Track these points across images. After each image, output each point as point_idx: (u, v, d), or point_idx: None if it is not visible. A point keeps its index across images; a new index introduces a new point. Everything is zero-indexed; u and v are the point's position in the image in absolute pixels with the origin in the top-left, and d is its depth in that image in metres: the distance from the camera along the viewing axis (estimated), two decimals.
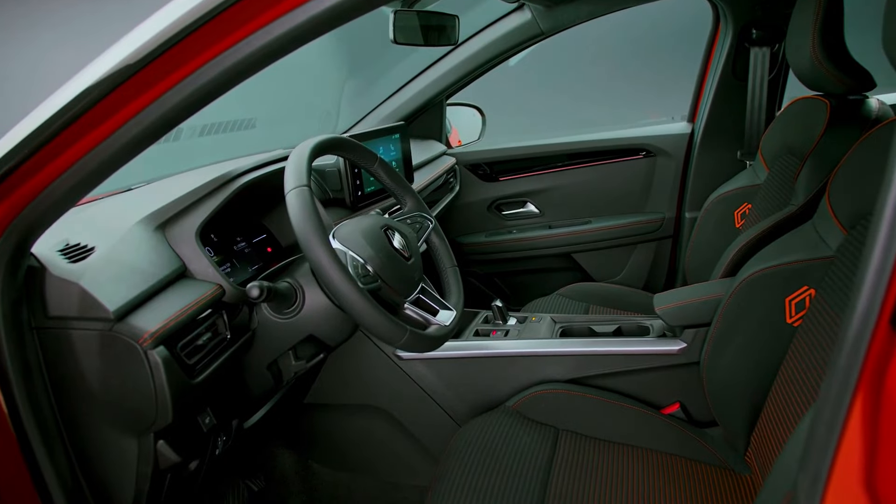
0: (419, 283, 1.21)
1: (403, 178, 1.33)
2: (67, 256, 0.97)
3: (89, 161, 0.82)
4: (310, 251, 0.96)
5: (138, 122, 0.80)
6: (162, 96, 0.79)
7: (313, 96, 2.53)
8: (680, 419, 1.45)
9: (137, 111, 0.79)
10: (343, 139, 1.20)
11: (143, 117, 0.80)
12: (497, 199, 2.55)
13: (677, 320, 1.45)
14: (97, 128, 0.80)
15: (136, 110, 0.79)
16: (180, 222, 1.12)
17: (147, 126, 0.81)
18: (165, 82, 0.79)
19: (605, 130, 2.47)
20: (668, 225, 2.42)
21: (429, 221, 1.33)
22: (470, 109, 2.59)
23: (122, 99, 0.79)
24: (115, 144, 0.81)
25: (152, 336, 0.92)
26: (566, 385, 1.50)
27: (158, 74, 0.78)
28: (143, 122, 0.80)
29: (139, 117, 0.80)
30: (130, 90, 0.78)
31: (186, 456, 1.06)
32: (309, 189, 1.01)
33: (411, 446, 1.67)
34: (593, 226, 2.48)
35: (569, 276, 2.56)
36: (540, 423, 1.40)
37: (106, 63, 0.77)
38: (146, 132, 0.81)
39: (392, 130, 1.76)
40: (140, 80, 0.78)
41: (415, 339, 1.04)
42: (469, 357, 1.55)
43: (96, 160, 0.82)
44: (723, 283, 1.45)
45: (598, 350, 1.50)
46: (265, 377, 1.23)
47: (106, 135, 0.80)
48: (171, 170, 1.48)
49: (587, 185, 2.47)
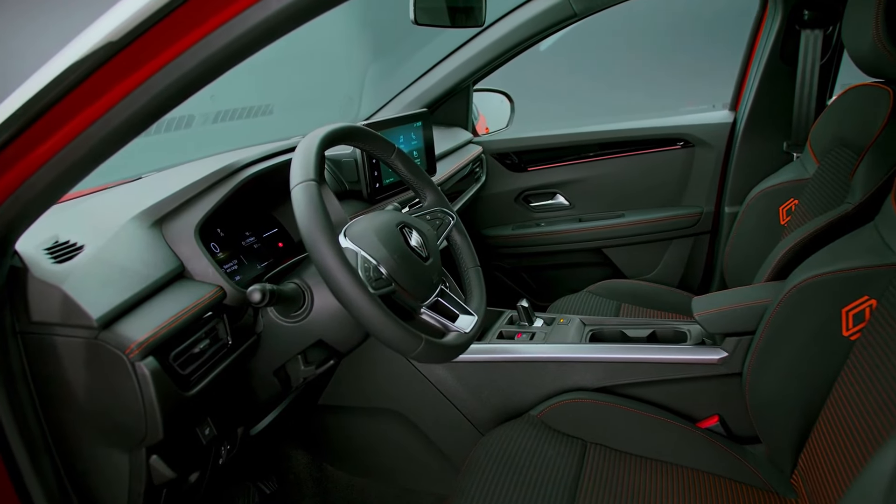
0: (438, 285, 1.12)
1: (423, 171, 1.24)
2: (53, 256, 0.90)
3: (70, 153, 0.73)
4: (315, 252, 0.88)
5: (123, 110, 0.71)
6: (149, 79, 0.70)
7: (334, 81, 2.46)
8: (718, 434, 1.35)
9: (121, 97, 0.71)
10: (357, 128, 1.11)
11: (129, 104, 0.71)
12: (525, 191, 2.46)
13: (718, 328, 1.34)
14: (76, 116, 0.72)
15: (120, 96, 0.71)
16: (178, 218, 1.04)
17: (133, 114, 0.72)
18: (153, 63, 0.70)
19: (640, 119, 2.35)
20: (707, 220, 2.30)
21: (450, 217, 1.24)
22: (498, 96, 2.50)
23: (104, 83, 0.70)
24: (97, 134, 0.73)
25: (140, 346, 0.84)
26: (595, 394, 1.40)
27: (145, 54, 0.69)
28: (128, 110, 0.71)
29: (123, 104, 0.71)
30: (113, 73, 0.69)
31: (183, 471, 0.99)
32: (316, 184, 0.92)
33: (429, 452, 1.59)
34: (626, 219, 2.37)
35: (599, 273, 2.47)
36: (566, 435, 1.31)
37: (85, 42, 0.69)
38: (132, 121, 0.73)
39: (414, 118, 1.66)
40: (124, 61, 0.69)
41: (430, 350, 0.95)
42: (492, 361, 1.47)
43: (78, 152, 0.74)
44: (769, 287, 1.34)
45: (631, 357, 1.40)
46: (272, 383, 1.15)
47: (87, 124, 0.72)
48: (182, 159, 1.41)
49: (620, 177, 2.36)
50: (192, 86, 0.73)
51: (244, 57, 0.72)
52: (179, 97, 0.73)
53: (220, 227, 1.22)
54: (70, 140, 0.73)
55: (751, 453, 1.29)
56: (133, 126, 0.73)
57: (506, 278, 2.59)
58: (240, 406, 1.16)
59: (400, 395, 1.55)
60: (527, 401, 1.46)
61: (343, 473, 1.70)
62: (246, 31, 0.68)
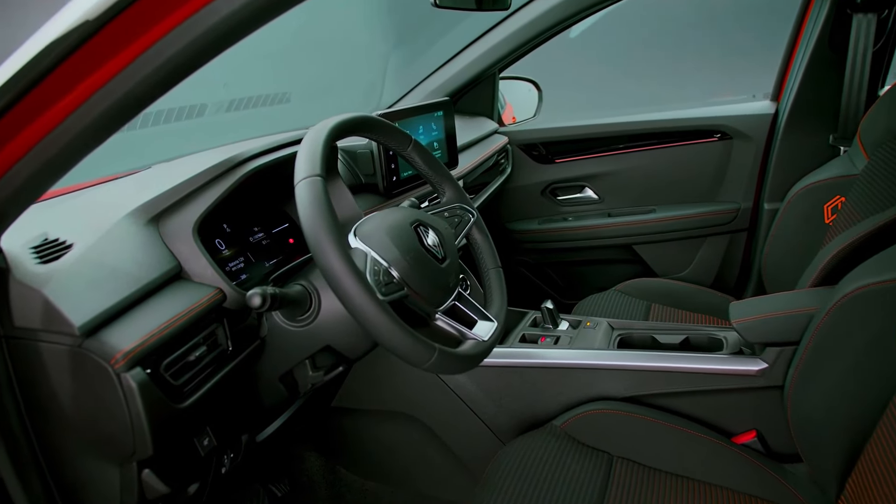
0: (455, 288, 1.04)
1: (442, 165, 1.16)
2: (39, 255, 0.84)
3: (46, 148, 0.67)
4: (318, 254, 0.80)
5: (103, 98, 0.64)
6: (131, 64, 0.63)
7: (355, 69, 2.38)
8: (755, 451, 1.25)
9: (101, 84, 0.64)
10: (370, 118, 1.03)
11: (109, 92, 0.64)
12: (552, 183, 2.36)
13: (758, 336, 1.24)
14: (51, 107, 0.65)
15: (100, 83, 0.64)
16: (176, 215, 0.97)
17: (114, 103, 0.65)
18: (135, 45, 0.62)
19: (674, 109, 2.24)
20: (744, 216, 2.18)
21: (470, 214, 1.16)
22: (525, 84, 2.41)
23: (82, 68, 0.63)
24: (77, 125, 0.66)
25: (126, 356, 0.77)
26: (622, 404, 1.31)
27: (126, 35, 0.62)
28: (108, 99, 0.64)
29: (104, 91, 0.64)
30: (91, 56, 0.62)
31: (179, 485, 0.93)
32: (322, 180, 0.85)
33: (447, 459, 1.52)
34: (658, 215, 2.26)
35: (629, 270, 2.37)
36: (591, 448, 1.23)
37: (60, 23, 0.62)
38: (113, 111, 0.65)
39: (435, 107, 1.58)
40: (102, 43, 0.62)
41: (444, 361, 0.87)
42: (513, 366, 1.39)
43: (55, 146, 0.67)
44: (815, 294, 1.23)
45: (662, 366, 1.31)
46: (277, 389, 1.08)
47: (64, 115, 0.65)
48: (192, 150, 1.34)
49: (653, 170, 2.25)
50: (179, 71, 0.65)
51: (234, 40, 0.65)
52: (164, 84, 0.66)
53: (226, 222, 1.15)
54: (45, 134, 0.66)
55: (791, 473, 1.19)
56: (113, 118, 0.66)
57: (531, 275, 2.50)
58: (243, 413, 1.09)
59: (416, 399, 1.48)
60: (549, 409, 1.38)
61: (356, 477, 1.64)
62: (236, 9, 0.60)
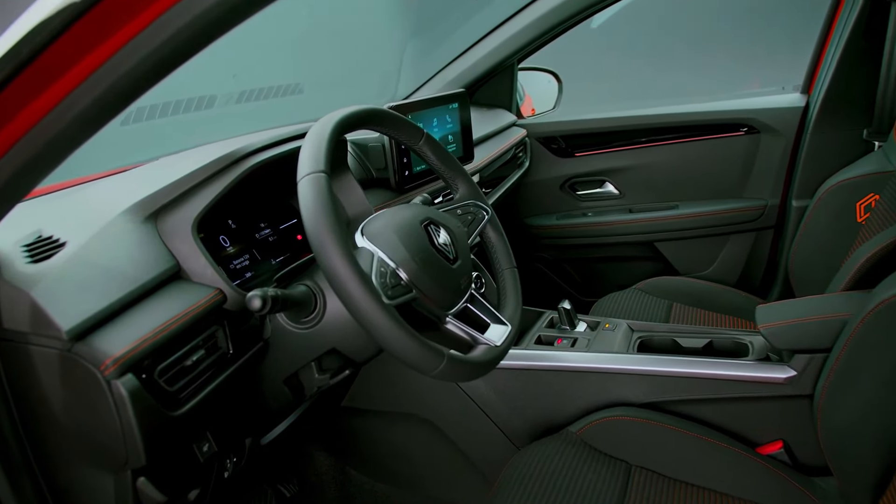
0: (466, 290, 0.99)
1: (455, 160, 1.11)
2: (31, 254, 0.80)
3: (30, 143, 0.63)
4: (321, 255, 0.76)
5: (88, 90, 0.60)
6: (120, 51, 0.59)
7: (370, 59, 2.33)
8: (781, 462, 1.19)
9: (88, 73, 0.59)
10: (379, 111, 0.98)
11: (94, 83, 0.60)
12: (572, 178, 2.30)
13: (787, 343, 1.18)
14: (36, 98, 0.61)
15: (86, 72, 0.59)
16: (175, 212, 0.93)
17: (100, 95, 0.60)
18: (124, 31, 0.58)
19: (699, 102, 2.16)
20: (771, 214, 2.10)
21: (484, 212, 1.10)
22: (545, 75, 2.35)
23: (66, 56, 0.59)
24: (61, 119, 0.62)
25: (116, 362, 0.73)
26: (642, 411, 1.26)
27: (114, 18, 0.57)
28: (93, 91, 0.60)
29: (90, 82, 0.60)
30: (76, 43, 0.58)
31: (177, 493, 0.89)
32: (326, 176, 0.80)
33: (459, 463, 1.47)
34: (681, 211, 2.19)
35: (650, 268, 2.30)
36: (608, 456, 1.18)
37: (42, 8, 0.57)
38: (100, 104, 0.61)
39: (450, 99, 1.52)
40: (88, 28, 0.57)
41: (454, 367, 0.82)
42: (528, 368, 1.34)
43: (39, 141, 0.63)
44: (849, 298, 1.17)
45: (684, 371, 1.25)
46: (282, 392, 1.04)
47: (47, 109, 0.61)
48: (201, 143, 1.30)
49: (676, 165, 2.18)
50: (171, 60, 0.61)
51: (228, 27, 0.60)
52: (155, 74, 0.61)
53: (231, 217, 1.11)
54: (27, 130, 0.62)
55: (819, 487, 1.13)
56: (101, 111, 0.62)
57: (548, 271, 2.44)
58: (247, 416, 1.06)
59: (428, 401, 1.44)
60: (565, 414, 1.33)
61: (367, 478, 1.60)
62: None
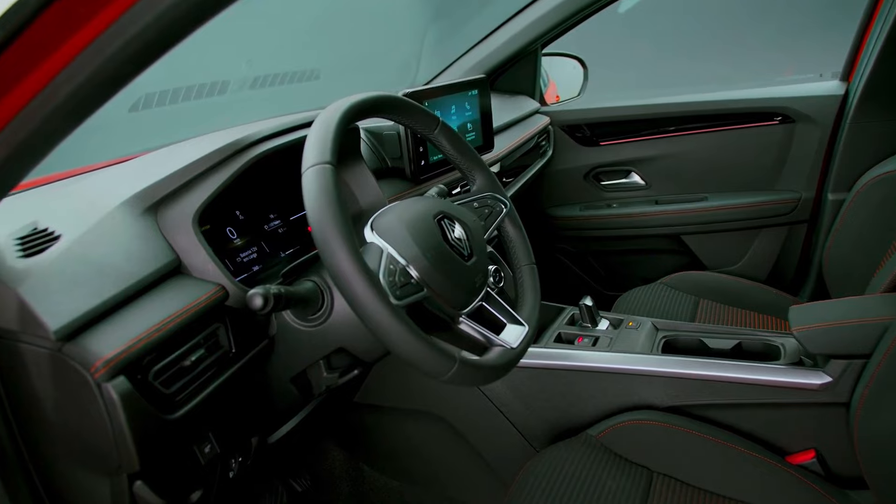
0: (481, 289, 0.93)
1: (472, 149, 1.05)
2: (23, 247, 0.76)
3: (11, 135, 0.59)
4: (326, 252, 0.71)
5: (69, 78, 0.56)
6: (104, 33, 0.54)
7: (389, 44, 2.28)
8: (813, 473, 1.13)
9: (68, 61, 0.55)
10: (391, 98, 0.92)
11: (77, 69, 0.55)
12: (596, 167, 2.23)
13: (822, 347, 1.11)
14: (13, 88, 0.57)
15: (66, 60, 0.55)
16: (175, 204, 0.88)
17: (84, 82, 0.56)
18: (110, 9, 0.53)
19: (731, 89, 2.07)
20: (805, 207, 2.01)
21: (502, 205, 1.05)
22: (570, 61, 2.27)
23: (44, 41, 0.55)
24: (43, 108, 0.58)
25: (107, 364, 0.69)
26: (665, 415, 1.20)
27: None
28: (76, 77, 0.56)
29: (70, 70, 0.55)
30: (55, 25, 0.54)
31: (176, 496, 0.86)
32: (332, 168, 0.75)
33: (474, 462, 1.43)
34: (710, 204, 2.11)
35: (676, 262, 2.23)
36: (629, 462, 1.13)
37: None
38: (84, 91, 0.57)
39: (469, 85, 1.46)
40: (69, 7, 0.53)
41: (466, 372, 0.77)
42: (547, 368, 1.29)
43: (21, 132, 0.59)
44: (891, 301, 1.10)
45: (711, 374, 1.19)
46: (289, 391, 1.00)
47: (28, 97, 0.57)
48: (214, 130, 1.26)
49: (705, 155, 2.10)
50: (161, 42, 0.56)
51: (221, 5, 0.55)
52: (144, 58, 0.57)
53: (239, 208, 1.07)
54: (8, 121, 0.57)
55: (854, 500, 1.07)
56: (85, 100, 0.58)
57: (571, 264, 2.38)
58: (253, 415, 1.02)
59: (443, 399, 1.40)
60: (585, 416, 1.28)
61: (380, 475, 1.57)
62: None
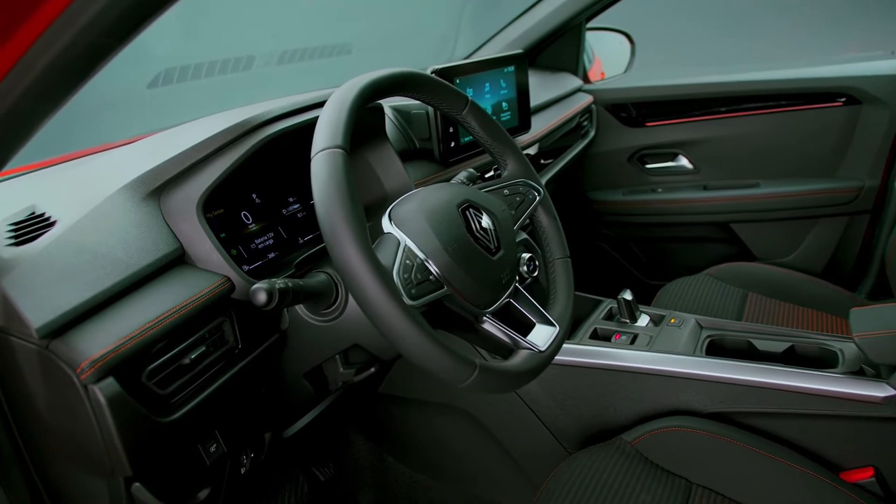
0: (509, 285, 0.85)
1: (504, 131, 0.96)
2: (16, 234, 0.72)
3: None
4: (333, 245, 0.64)
5: (40, 53, 0.50)
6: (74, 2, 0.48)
7: (427, 16, 2.19)
8: (871, 493, 1.03)
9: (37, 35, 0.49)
10: (414, 75, 0.84)
11: (47, 44, 0.49)
12: (641, 150, 2.13)
13: (887, 356, 1.01)
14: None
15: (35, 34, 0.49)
16: (179, 188, 0.82)
17: (57, 57, 0.50)
18: None
19: (791, 67, 1.94)
20: (868, 197, 1.88)
21: (535, 192, 0.96)
22: (616, 36, 2.16)
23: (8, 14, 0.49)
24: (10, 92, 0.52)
25: (94, 364, 0.64)
26: (707, 422, 1.11)
27: None
28: (47, 53, 0.50)
29: (40, 44, 0.49)
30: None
31: (180, 497, 0.82)
32: (344, 153, 0.67)
33: (503, 461, 1.36)
34: (762, 191, 2.00)
35: (724, 251, 2.12)
36: (666, 472, 1.05)
37: None
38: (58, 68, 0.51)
39: (505, 61, 1.37)
40: None
41: (487, 379, 0.70)
42: (582, 366, 1.21)
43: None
44: None
45: (760, 381, 1.10)
46: (303, 386, 0.95)
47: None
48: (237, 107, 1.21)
49: (760, 139, 1.98)
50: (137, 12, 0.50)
51: None
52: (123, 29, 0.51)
53: (256, 191, 1.01)
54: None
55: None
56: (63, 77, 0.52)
57: (612, 251, 2.28)
58: (265, 410, 0.97)
59: (471, 394, 1.33)
60: (620, 419, 1.20)
61: (405, 468, 1.52)
62: None
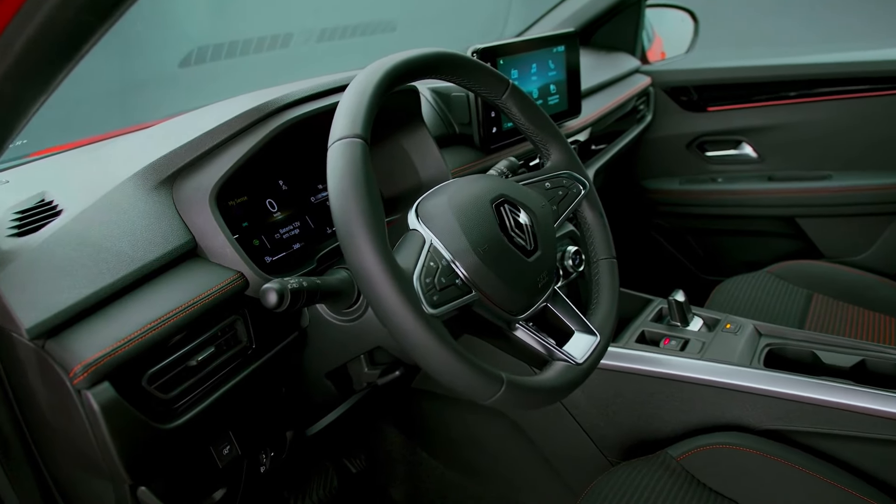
0: (546, 289, 0.77)
1: (548, 118, 0.88)
2: (20, 223, 0.68)
3: None
4: (347, 245, 0.57)
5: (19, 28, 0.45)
6: None
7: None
8: None
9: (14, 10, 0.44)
10: (448, 56, 0.76)
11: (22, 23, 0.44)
12: (702, 136, 2.01)
13: None
14: None
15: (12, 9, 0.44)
16: (192, 177, 0.77)
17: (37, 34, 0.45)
18: None
19: (871, 49, 1.79)
20: None
21: (580, 185, 0.88)
22: (679, 13, 2.04)
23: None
24: None
25: (87, 369, 0.59)
26: (762, 441, 1.02)
27: None
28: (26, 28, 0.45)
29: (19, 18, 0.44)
30: None
31: (192, 500, 0.78)
32: (364, 143, 0.61)
33: (539, 465, 1.30)
34: (834, 183, 1.86)
35: (788, 248, 2.00)
36: (714, 493, 0.97)
37: None
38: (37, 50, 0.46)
39: (554, 41, 1.27)
40: None
41: (516, 395, 0.63)
42: (626, 371, 1.13)
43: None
44: None
45: (824, 399, 0.99)
46: (325, 386, 0.90)
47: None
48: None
49: (833, 126, 1.85)
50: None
51: None
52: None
53: (283, 178, 0.96)
54: None
55: None
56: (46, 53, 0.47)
57: (666, 243, 2.17)
58: (286, 409, 0.93)
59: None
60: (665, 431, 1.11)
61: (439, 464, 1.47)
62: None
